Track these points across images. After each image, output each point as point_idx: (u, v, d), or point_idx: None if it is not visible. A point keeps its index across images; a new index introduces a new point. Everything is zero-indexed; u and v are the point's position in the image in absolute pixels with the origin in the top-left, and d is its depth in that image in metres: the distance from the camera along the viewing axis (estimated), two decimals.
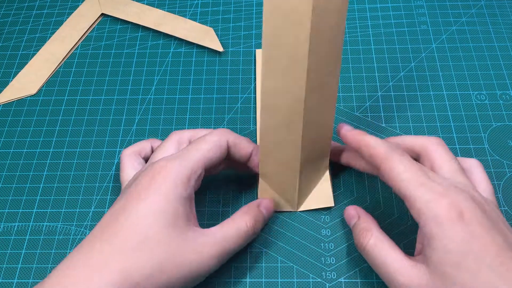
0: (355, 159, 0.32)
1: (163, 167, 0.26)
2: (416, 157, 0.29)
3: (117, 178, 0.35)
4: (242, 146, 0.30)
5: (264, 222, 0.31)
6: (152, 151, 0.33)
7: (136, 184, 0.27)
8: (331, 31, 0.26)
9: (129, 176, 0.30)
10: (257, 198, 0.33)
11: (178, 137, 0.31)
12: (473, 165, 0.29)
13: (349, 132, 0.30)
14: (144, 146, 0.33)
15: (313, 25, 0.24)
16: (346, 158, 0.33)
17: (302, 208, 0.33)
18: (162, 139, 0.37)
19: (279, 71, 0.26)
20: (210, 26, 0.44)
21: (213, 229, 0.27)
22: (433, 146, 0.28)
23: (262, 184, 0.32)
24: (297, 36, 0.24)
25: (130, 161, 0.32)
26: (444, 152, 0.28)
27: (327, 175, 0.34)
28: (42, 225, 0.33)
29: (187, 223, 0.26)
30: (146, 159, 0.32)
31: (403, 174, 0.25)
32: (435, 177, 0.26)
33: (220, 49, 0.42)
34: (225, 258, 0.27)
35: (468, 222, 0.23)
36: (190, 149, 0.28)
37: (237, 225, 0.28)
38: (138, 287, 0.24)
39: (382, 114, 0.38)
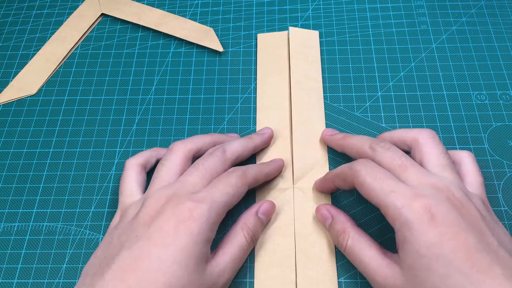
0: (335, 184, 0.32)
1: (193, 211, 0.26)
2: (408, 150, 0.30)
3: (117, 178, 0.35)
4: (259, 181, 0.32)
5: (262, 227, 0.31)
6: (157, 162, 0.33)
7: (160, 226, 0.26)
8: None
9: (131, 188, 0.30)
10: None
11: (185, 154, 0.31)
12: (464, 156, 0.29)
13: (327, 137, 0.34)
14: (149, 158, 0.33)
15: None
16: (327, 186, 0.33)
17: (299, 184, 0.34)
18: (162, 139, 0.37)
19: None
20: (210, 26, 0.44)
21: (220, 255, 0.28)
22: (423, 140, 0.28)
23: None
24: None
25: (134, 173, 0.31)
26: (435, 145, 0.28)
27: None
28: (42, 225, 0.33)
29: (206, 261, 0.26)
30: (150, 171, 0.32)
31: (372, 184, 0.26)
32: (408, 179, 0.26)
33: (220, 49, 0.42)
34: (234, 275, 0.29)
35: (439, 224, 0.23)
36: (217, 193, 0.28)
37: (239, 243, 0.28)
38: None
39: (382, 114, 0.38)
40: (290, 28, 0.42)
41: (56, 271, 0.31)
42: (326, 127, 0.37)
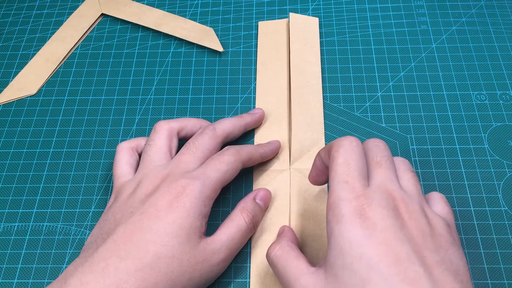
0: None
1: (186, 187, 0.27)
2: None
3: None
4: (254, 160, 0.32)
5: (262, 213, 0.31)
6: None
7: (154, 202, 0.27)
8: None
9: (123, 170, 0.31)
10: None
11: (168, 131, 0.31)
12: (435, 196, 0.27)
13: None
14: (140, 142, 0.33)
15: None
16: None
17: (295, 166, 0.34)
18: None
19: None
20: (210, 26, 0.44)
21: (218, 234, 0.28)
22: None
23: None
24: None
25: (125, 156, 0.32)
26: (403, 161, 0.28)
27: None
28: (42, 225, 0.33)
29: (199, 236, 0.27)
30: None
31: (338, 165, 0.24)
32: (374, 177, 0.25)
33: (220, 49, 0.42)
34: (232, 258, 0.29)
35: (371, 226, 0.22)
36: (210, 169, 0.29)
37: (237, 224, 0.29)
38: None
39: (382, 114, 0.38)
40: (290, 14, 0.43)
41: (56, 271, 0.31)
42: (326, 127, 0.37)
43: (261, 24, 0.44)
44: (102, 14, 0.46)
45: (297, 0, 0.46)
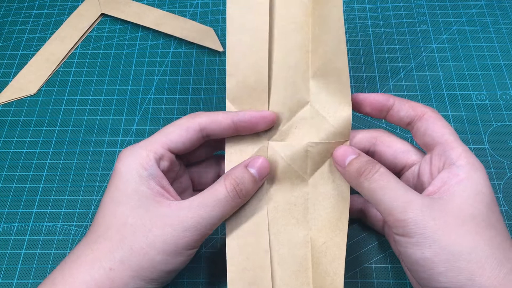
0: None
1: (119, 156, 0.27)
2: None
3: None
4: (218, 122, 0.27)
5: (254, 183, 0.27)
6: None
7: (111, 176, 0.27)
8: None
9: None
10: None
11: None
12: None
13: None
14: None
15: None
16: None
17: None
18: None
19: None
20: (210, 26, 0.44)
21: (189, 199, 0.25)
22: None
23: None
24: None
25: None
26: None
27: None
28: (42, 225, 0.33)
29: (156, 201, 0.25)
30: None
31: (446, 128, 0.26)
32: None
33: (220, 49, 0.42)
34: (207, 228, 0.25)
35: (488, 185, 0.24)
36: (155, 134, 0.27)
37: (215, 190, 0.26)
38: (113, 272, 0.23)
39: None
40: None
41: None
42: None
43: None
44: (102, 14, 0.46)
45: None
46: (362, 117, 0.38)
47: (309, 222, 0.28)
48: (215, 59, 0.42)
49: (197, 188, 0.31)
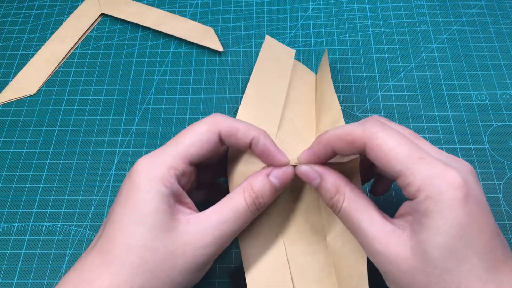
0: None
1: (135, 168, 0.24)
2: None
3: (117, 178, 0.35)
4: (239, 135, 0.26)
5: (273, 194, 0.26)
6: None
7: (120, 188, 0.25)
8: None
9: None
10: None
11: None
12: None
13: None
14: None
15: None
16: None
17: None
18: (162, 139, 0.37)
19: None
20: (210, 26, 0.44)
21: (206, 213, 0.24)
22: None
23: None
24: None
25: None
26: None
27: None
28: (42, 225, 0.33)
29: (175, 219, 0.24)
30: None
31: (396, 149, 0.22)
32: (430, 150, 0.23)
33: (220, 49, 0.42)
34: (226, 242, 0.25)
35: (470, 201, 0.21)
36: (170, 144, 0.25)
37: (235, 203, 0.25)
38: None
39: (382, 114, 0.38)
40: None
41: (56, 271, 0.31)
42: None
43: (268, 40, 0.38)
44: (102, 14, 0.46)
45: (297, 0, 0.46)
46: (362, 117, 0.38)
47: (325, 226, 0.27)
48: (215, 59, 0.42)
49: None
